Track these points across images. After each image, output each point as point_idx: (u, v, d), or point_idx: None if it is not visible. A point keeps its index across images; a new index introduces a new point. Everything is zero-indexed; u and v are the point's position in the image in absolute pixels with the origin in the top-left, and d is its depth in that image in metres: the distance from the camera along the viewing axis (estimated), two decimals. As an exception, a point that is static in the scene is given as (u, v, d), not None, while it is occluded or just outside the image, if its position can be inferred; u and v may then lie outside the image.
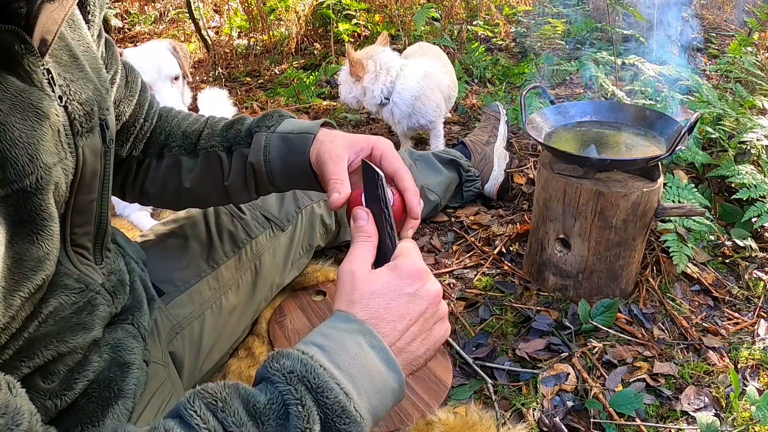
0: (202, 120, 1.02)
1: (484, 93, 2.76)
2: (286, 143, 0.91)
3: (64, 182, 0.65)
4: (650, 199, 1.25)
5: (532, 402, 1.12)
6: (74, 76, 0.69)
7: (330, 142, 0.85)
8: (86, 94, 0.70)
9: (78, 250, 0.73)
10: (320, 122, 0.92)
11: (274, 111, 0.97)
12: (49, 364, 0.67)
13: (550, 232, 1.36)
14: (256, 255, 1.22)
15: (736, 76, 2.05)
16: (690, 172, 1.65)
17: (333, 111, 2.68)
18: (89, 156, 0.70)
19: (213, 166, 0.96)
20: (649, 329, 1.30)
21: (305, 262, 1.39)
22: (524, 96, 1.45)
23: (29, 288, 0.59)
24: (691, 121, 1.23)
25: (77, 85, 0.69)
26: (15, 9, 0.57)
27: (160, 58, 1.72)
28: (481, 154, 1.81)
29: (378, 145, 0.84)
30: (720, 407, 1.10)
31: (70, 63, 0.70)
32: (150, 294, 0.95)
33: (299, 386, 0.56)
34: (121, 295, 0.82)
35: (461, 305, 1.40)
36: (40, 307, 0.65)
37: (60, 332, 0.68)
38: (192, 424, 0.53)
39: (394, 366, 0.62)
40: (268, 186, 0.95)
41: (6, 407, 0.48)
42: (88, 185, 0.72)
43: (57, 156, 0.62)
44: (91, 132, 0.71)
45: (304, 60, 3.50)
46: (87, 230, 0.74)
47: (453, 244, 1.65)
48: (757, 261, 1.50)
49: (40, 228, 0.59)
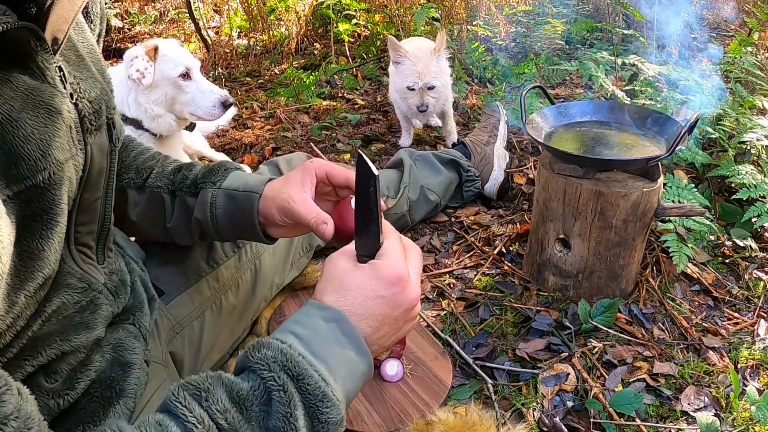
0: (157, 157, 1.03)
1: (484, 93, 2.76)
2: (231, 200, 0.94)
3: (75, 179, 0.66)
4: (650, 199, 1.25)
5: (532, 402, 1.12)
6: (83, 75, 0.70)
7: (281, 191, 0.88)
8: (95, 92, 0.71)
9: (81, 249, 0.74)
10: (265, 179, 0.95)
11: (221, 163, 1.00)
12: (52, 363, 0.68)
13: (550, 232, 1.36)
14: (256, 255, 1.22)
15: (736, 76, 2.05)
16: (690, 172, 1.65)
17: (333, 111, 2.68)
18: (97, 154, 0.71)
19: (156, 205, 0.99)
20: (649, 329, 1.30)
21: (305, 262, 1.38)
22: (524, 96, 1.45)
23: (34, 285, 0.59)
24: (691, 121, 1.23)
25: (86, 83, 0.70)
26: (25, 9, 0.58)
27: (184, 50, 1.80)
28: (481, 154, 1.81)
29: (319, 167, 0.89)
30: (720, 407, 1.10)
31: (77, 62, 0.71)
32: (150, 294, 0.95)
33: (281, 374, 0.59)
34: (122, 294, 0.82)
35: (461, 305, 1.40)
36: (44, 306, 0.65)
37: (63, 331, 0.68)
38: (178, 414, 0.55)
39: (365, 351, 0.67)
40: (215, 237, 0.99)
41: (18, 411, 0.48)
42: (95, 183, 0.73)
43: (69, 152, 0.63)
44: (99, 130, 0.72)
45: (304, 60, 3.50)
46: (91, 229, 0.75)
47: (453, 244, 1.65)
48: (757, 261, 1.50)
49: (51, 224, 0.60)
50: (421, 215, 1.68)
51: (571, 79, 2.97)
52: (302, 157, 1.47)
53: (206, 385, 0.58)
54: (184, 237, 1.00)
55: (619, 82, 2.22)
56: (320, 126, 2.48)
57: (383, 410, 1.01)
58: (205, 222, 0.95)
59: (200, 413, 0.55)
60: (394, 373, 1.08)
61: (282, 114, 2.67)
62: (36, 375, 0.66)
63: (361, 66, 3.26)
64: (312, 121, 2.60)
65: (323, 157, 2.13)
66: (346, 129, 2.48)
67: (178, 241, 1.02)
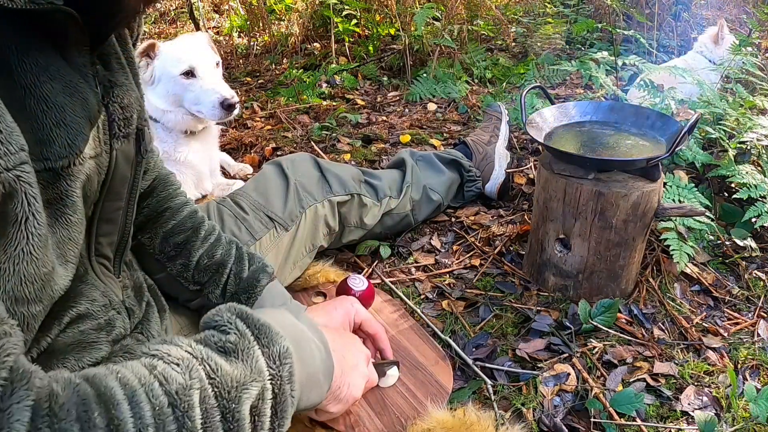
0: (187, 227, 1.02)
1: (485, 93, 2.76)
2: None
3: (96, 179, 0.66)
4: (650, 199, 1.25)
5: (532, 402, 1.12)
6: (119, 81, 0.71)
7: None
8: (128, 99, 0.71)
9: (101, 260, 0.75)
10: (301, 312, 0.99)
11: (255, 275, 1.01)
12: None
13: (550, 232, 1.36)
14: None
15: (736, 76, 2.05)
16: (690, 172, 1.65)
17: (333, 111, 2.68)
18: (121, 161, 0.71)
19: (176, 286, 1.01)
20: (649, 329, 1.30)
21: (308, 262, 1.39)
22: (524, 96, 1.45)
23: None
24: (691, 121, 1.23)
25: (120, 89, 0.70)
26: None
27: (200, 47, 1.78)
28: (483, 154, 1.81)
29: (359, 314, 1.01)
30: (720, 407, 1.10)
31: (117, 69, 0.72)
32: (161, 304, 0.95)
33: (229, 314, 0.68)
34: (137, 313, 0.82)
35: (461, 305, 1.40)
36: (62, 311, 0.65)
37: (79, 350, 0.68)
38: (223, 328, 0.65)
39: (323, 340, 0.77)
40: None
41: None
42: (117, 192, 0.73)
43: (93, 150, 0.63)
44: (127, 138, 0.72)
45: (304, 60, 3.50)
46: (111, 240, 0.76)
47: (453, 244, 1.65)
48: (757, 261, 1.50)
49: (60, 213, 0.60)
50: (423, 215, 1.68)
51: (571, 79, 2.97)
52: (305, 158, 1.47)
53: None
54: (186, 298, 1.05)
55: (619, 82, 2.22)
56: (320, 126, 2.48)
57: (384, 415, 1.01)
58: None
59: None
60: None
61: (282, 114, 2.67)
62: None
63: (361, 66, 3.26)
64: (312, 121, 2.60)
65: (324, 157, 2.14)
66: (346, 129, 2.48)
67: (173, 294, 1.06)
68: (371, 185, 1.53)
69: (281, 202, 1.32)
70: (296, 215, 1.33)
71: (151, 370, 0.54)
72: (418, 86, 2.80)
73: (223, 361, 0.59)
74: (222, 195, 1.62)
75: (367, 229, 1.53)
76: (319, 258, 1.44)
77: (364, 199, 1.48)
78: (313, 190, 1.39)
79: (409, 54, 3.10)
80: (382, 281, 1.48)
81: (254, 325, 0.65)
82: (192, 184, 1.86)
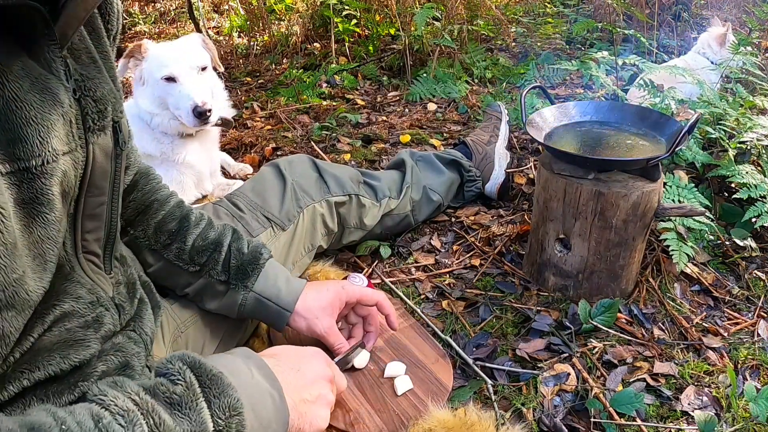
0: (175, 215, 1.05)
1: (485, 93, 2.76)
2: (262, 307, 1.04)
3: (73, 175, 0.65)
4: (650, 199, 1.25)
5: (532, 402, 1.12)
6: (90, 74, 0.70)
7: (314, 317, 1.03)
8: (101, 92, 0.71)
9: (89, 257, 0.74)
10: (299, 292, 1.04)
11: (254, 253, 1.05)
12: (48, 382, 0.67)
13: (550, 232, 1.36)
14: None
15: (736, 76, 2.05)
16: (690, 172, 1.65)
17: (333, 111, 2.68)
18: (99, 154, 0.70)
19: (175, 274, 1.05)
20: (649, 329, 1.30)
21: (307, 262, 1.39)
22: (524, 96, 1.45)
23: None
24: (691, 121, 1.23)
25: (93, 82, 0.70)
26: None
27: (186, 49, 1.73)
28: (482, 154, 1.81)
29: (349, 293, 1.05)
30: (720, 407, 1.10)
31: (88, 63, 0.71)
32: (155, 301, 0.94)
33: (179, 363, 0.69)
34: (128, 309, 0.82)
35: (461, 305, 1.41)
36: (46, 310, 0.65)
37: (64, 348, 0.67)
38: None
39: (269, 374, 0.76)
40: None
41: None
42: (99, 186, 0.72)
43: (68, 146, 0.63)
44: (103, 131, 0.71)
45: (304, 60, 3.50)
46: (98, 236, 0.75)
47: (453, 244, 1.65)
48: (757, 261, 1.50)
49: (37, 212, 0.59)
50: (424, 216, 1.68)
51: (571, 79, 2.97)
52: (303, 159, 1.47)
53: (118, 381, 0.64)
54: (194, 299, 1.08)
55: (619, 82, 2.22)
56: (320, 126, 2.48)
57: (384, 412, 1.01)
58: (230, 313, 1.05)
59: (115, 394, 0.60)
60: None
61: (282, 114, 2.67)
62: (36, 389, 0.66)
63: (361, 66, 3.26)
64: (312, 121, 2.60)
65: (325, 157, 2.14)
66: (346, 129, 2.48)
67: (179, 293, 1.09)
68: (370, 186, 1.53)
69: (278, 202, 1.32)
70: (294, 215, 1.33)
71: (96, 423, 0.56)
72: (418, 86, 2.80)
73: (167, 416, 0.60)
74: (222, 195, 1.62)
75: (367, 229, 1.53)
76: (319, 258, 1.44)
77: (362, 200, 1.48)
78: (310, 190, 1.39)
79: (409, 54, 3.10)
80: (382, 281, 1.49)
81: (206, 375, 0.67)
82: (192, 184, 1.86)
